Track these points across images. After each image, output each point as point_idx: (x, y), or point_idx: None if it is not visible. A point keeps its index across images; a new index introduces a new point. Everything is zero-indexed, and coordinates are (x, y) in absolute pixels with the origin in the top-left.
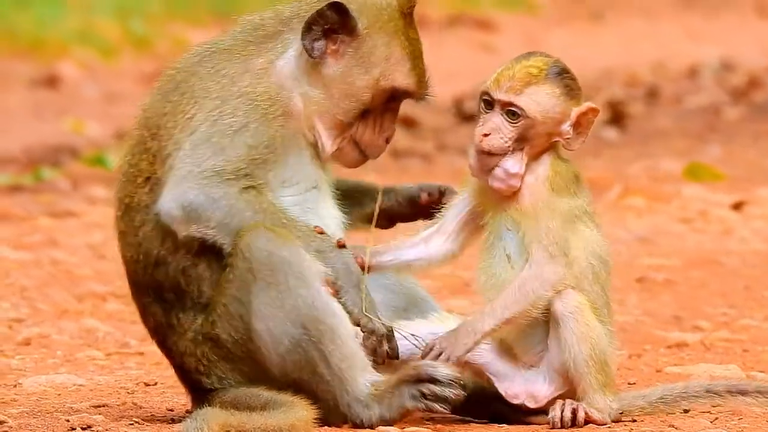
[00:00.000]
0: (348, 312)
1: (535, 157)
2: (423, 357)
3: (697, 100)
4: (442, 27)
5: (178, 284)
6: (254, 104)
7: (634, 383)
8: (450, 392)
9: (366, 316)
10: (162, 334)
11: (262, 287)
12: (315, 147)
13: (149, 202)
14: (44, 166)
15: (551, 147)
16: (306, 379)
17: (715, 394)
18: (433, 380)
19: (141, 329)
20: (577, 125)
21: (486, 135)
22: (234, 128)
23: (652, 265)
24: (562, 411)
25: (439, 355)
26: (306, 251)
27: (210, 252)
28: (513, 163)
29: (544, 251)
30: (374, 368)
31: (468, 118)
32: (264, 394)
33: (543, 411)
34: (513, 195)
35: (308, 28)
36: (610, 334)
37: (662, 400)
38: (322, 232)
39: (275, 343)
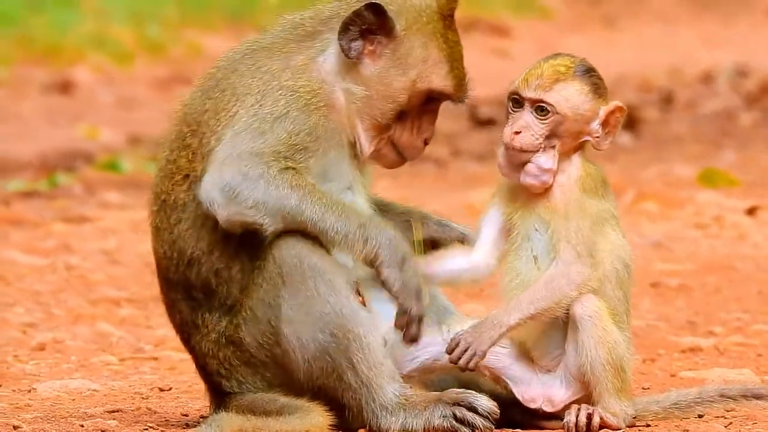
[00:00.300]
0: (388, 288)
1: (565, 156)
2: (449, 352)
3: (712, 106)
4: None
5: (209, 284)
6: (296, 95)
7: (648, 388)
8: (482, 423)
9: (405, 294)
10: (187, 333)
11: (291, 292)
12: (353, 147)
13: (187, 200)
14: (59, 171)
15: (581, 147)
16: (332, 385)
17: (729, 398)
18: (472, 408)
19: (155, 334)
20: (605, 124)
21: (517, 133)
22: (275, 115)
23: (666, 270)
24: (578, 416)
25: (466, 349)
26: (350, 228)
27: (244, 255)
28: (545, 159)
29: (572, 250)
30: (403, 379)
31: (483, 123)
32: (281, 399)
33: (559, 416)
34: (543, 194)
35: (345, 28)
36: (628, 340)
37: (676, 406)
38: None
39: (302, 349)
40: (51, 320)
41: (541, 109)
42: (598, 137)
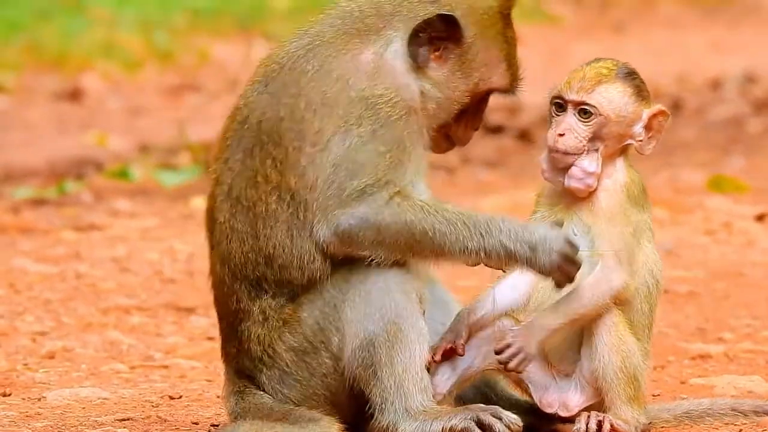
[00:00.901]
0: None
1: (609, 160)
2: (499, 351)
3: (721, 112)
4: None
5: (287, 279)
6: (376, 108)
7: (659, 395)
8: (501, 428)
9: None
10: (238, 319)
11: (361, 279)
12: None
13: (279, 211)
14: (68, 179)
15: (624, 151)
16: (365, 377)
17: (740, 413)
18: (498, 416)
19: (165, 342)
20: (648, 128)
21: (561, 135)
22: (364, 138)
23: (676, 277)
24: (588, 422)
25: (517, 352)
26: (489, 240)
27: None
28: (589, 162)
29: (615, 256)
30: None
31: (493, 130)
32: (295, 409)
33: (574, 420)
34: (586, 198)
35: (415, 34)
36: (645, 352)
37: (687, 415)
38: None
39: (354, 336)
40: (61, 328)
41: (584, 111)
42: (641, 141)
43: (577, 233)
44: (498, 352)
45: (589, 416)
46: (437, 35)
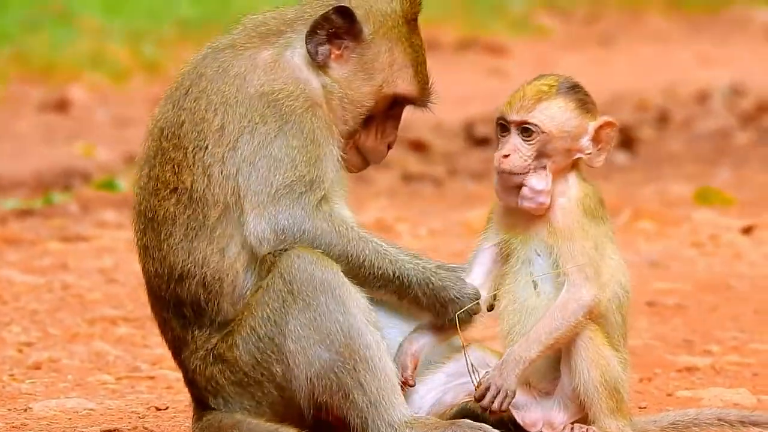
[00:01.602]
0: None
1: (560, 176)
2: (479, 398)
3: (708, 125)
4: (453, 51)
5: (199, 300)
6: (277, 103)
7: (645, 407)
8: None
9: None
10: (178, 348)
11: (301, 308)
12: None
13: (176, 213)
14: (55, 190)
15: (575, 166)
16: (336, 403)
17: (726, 423)
18: None
19: (152, 353)
20: (596, 141)
21: (506, 156)
22: (272, 135)
23: (663, 289)
24: None
25: (497, 393)
26: (401, 268)
27: (238, 265)
28: (537, 180)
29: (581, 272)
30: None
31: (479, 142)
32: (263, 424)
33: None
34: (544, 217)
35: (313, 31)
36: (624, 361)
37: (674, 426)
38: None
39: (307, 365)
40: (47, 339)
41: (525, 130)
42: (590, 154)
43: (540, 254)
44: (478, 398)
45: (572, 429)
46: (336, 32)
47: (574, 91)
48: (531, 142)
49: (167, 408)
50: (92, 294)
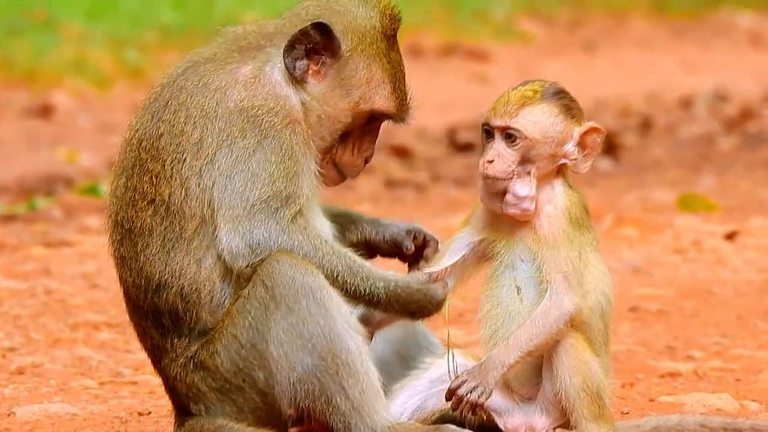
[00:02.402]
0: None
1: (545, 182)
2: (454, 389)
3: (691, 131)
4: (436, 57)
5: (177, 310)
6: (257, 119)
7: (627, 412)
8: None
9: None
10: (158, 356)
11: (283, 313)
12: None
13: (153, 225)
14: (38, 195)
15: (560, 172)
16: (319, 407)
17: (709, 429)
18: None
19: (135, 358)
20: (582, 146)
21: (490, 162)
22: (250, 150)
23: (645, 295)
24: None
25: (475, 386)
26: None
27: (215, 276)
28: (521, 187)
29: (564, 281)
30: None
31: (462, 148)
32: (245, 429)
33: None
34: (529, 224)
35: (291, 46)
36: (606, 367)
37: (657, 431)
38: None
39: (289, 370)
40: (30, 344)
41: (509, 136)
42: (575, 159)
43: (524, 260)
44: (453, 390)
45: None
46: (314, 47)
47: (559, 96)
48: (515, 148)
49: (150, 413)
50: (75, 299)
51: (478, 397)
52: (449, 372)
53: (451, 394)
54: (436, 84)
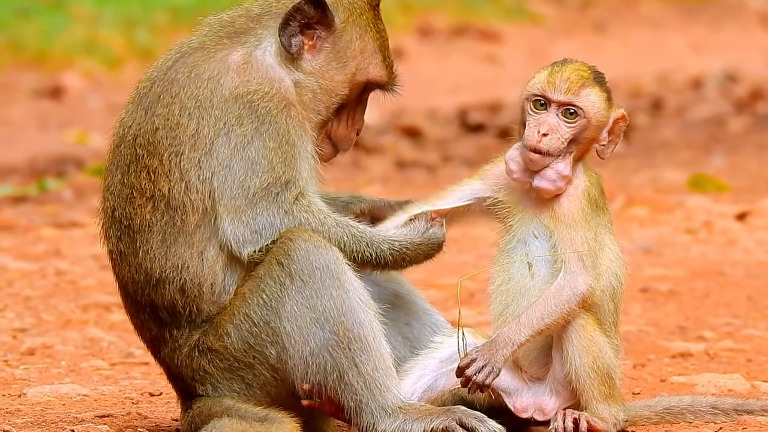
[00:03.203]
0: None
1: (573, 164)
2: (464, 367)
3: (701, 112)
4: (446, 38)
5: (175, 305)
6: (253, 104)
7: (639, 393)
8: (486, 430)
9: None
10: (157, 347)
11: (297, 287)
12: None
13: (153, 221)
14: (48, 176)
15: (584, 155)
16: (330, 383)
17: (720, 411)
18: (481, 421)
19: None
20: (610, 132)
21: (544, 135)
22: (248, 137)
23: (656, 276)
24: (564, 421)
25: (483, 366)
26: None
27: (218, 269)
28: (564, 165)
29: (579, 261)
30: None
31: (473, 128)
32: (253, 409)
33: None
34: (548, 201)
35: (285, 23)
36: (616, 347)
37: (668, 411)
38: None
39: (302, 344)
40: (41, 325)
41: (570, 111)
42: (603, 145)
43: (537, 236)
44: (462, 368)
45: (564, 414)
46: (308, 22)
47: (604, 81)
48: (571, 125)
49: (161, 394)
50: (86, 280)
51: (486, 376)
52: (459, 351)
53: (460, 372)
54: (446, 65)
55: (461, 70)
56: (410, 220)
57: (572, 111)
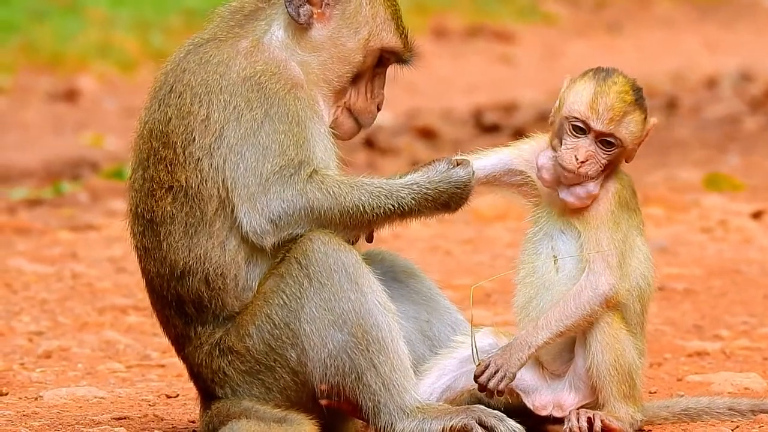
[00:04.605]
0: None
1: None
2: (478, 375)
3: (716, 111)
4: (461, 39)
5: (201, 298)
6: (261, 86)
7: (656, 392)
8: (505, 429)
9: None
10: (181, 344)
11: (316, 289)
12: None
13: (174, 212)
14: (64, 179)
15: (616, 168)
16: (349, 385)
17: (737, 412)
18: (500, 420)
19: (162, 341)
20: (640, 142)
21: (583, 162)
22: (258, 121)
23: (672, 275)
24: (578, 419)
25: (496, 372)
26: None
27: (240, 260)
28: (594, 186)
29: (603, 261)
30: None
31: (488, 129)
32: (271, 411)
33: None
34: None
35: None
36: (640, 350)
37: (686, 412)
38: None
39: (321, 346)
40: (57, 328)
41: (608, 143)
42: (633, 151)
43: (564, 232)
44: (477, 374)
45: (579, 413)
46: None
47: (642, 98)
48: (609, 153)
49: (177, 396)
50: (102, 283)
51: (498, 382)
52: (473, 354)
53: (475, 378)
54: (461, 66)
55: (476, 70)
56: (431, 162)
57: (611, 142)
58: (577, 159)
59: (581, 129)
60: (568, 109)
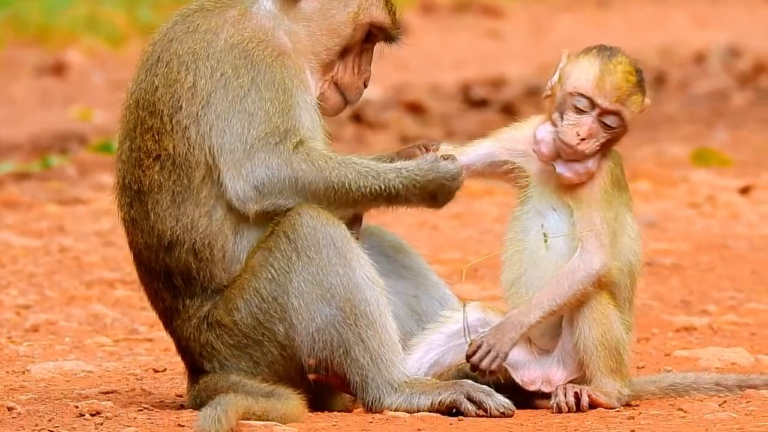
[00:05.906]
0: None
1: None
2: (470, 355)
3: (704, 86)
4: (449, 14)
5: (189, 269)
6: (247, 53)
7: (643, 367)
8: (494, 404)
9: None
10: (169, 317)
11: (304, 263)
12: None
13: (162, 181)
14: (52, 153)
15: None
16: (337, 359)
17: (724, 387)
18: (489, 395)
19: (149, 315)
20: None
21: (584, 138)
22: (245, 88)
23: (660, 250)
24: (565, 394)
25: (488, 352)
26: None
27: (227, 230)
28: (593, 162)
29: (596, 239)
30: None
31: (476, 104)
32: (259, 385)
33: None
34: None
35: None
36: (628, 324)
37: (673, 387)
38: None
39: (308, 320)
40: (45, 302)
41: (610, 121)
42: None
43: (556, 209)
44: (469, 355)
45: (566, 388)
46: None
47: (643, 80)
48: (610, 131)
49: (165, 370)
50: (89, 257)
51: (491, 362)
52: (464, 331)
53: (467, 359)
54: (449, 41)
55: (464, 45)
56: (420, 152)
57: (613, 119)
58: (578, 135)
59: (585, 106)
60: (572, 85)
